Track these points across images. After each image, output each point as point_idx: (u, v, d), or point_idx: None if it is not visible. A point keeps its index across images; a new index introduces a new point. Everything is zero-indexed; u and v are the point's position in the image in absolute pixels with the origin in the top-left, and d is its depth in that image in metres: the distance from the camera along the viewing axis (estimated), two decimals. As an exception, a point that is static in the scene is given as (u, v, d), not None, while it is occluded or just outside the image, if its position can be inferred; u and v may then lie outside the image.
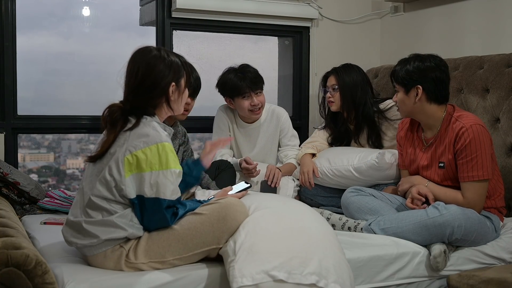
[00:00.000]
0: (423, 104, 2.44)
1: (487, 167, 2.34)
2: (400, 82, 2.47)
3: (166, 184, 1.86)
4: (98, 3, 3.70)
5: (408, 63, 2.46)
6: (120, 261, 1.88)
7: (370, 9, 4.03)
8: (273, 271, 1.78)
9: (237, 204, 1.97)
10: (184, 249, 1.90)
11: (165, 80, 1.96)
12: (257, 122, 3.23)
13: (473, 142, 2.33)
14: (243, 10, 3.60)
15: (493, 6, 3.20)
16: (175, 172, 1.89)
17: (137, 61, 1.97)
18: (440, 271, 2.25)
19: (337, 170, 2.93)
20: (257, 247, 1.85)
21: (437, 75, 2.42)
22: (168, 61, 1.98)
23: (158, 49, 2.01)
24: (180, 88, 2.02)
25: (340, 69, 3.11)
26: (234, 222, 1.93)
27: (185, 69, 2.04)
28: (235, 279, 1.77)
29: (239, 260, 1.82)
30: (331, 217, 2.56)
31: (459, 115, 2.43)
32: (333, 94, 3.07)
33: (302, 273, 1.79)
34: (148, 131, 1.88)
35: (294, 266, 1.80)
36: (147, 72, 1.94)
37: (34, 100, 3.62)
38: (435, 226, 2.25)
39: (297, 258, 1.83)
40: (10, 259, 1.61)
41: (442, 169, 2.46)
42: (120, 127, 1.91)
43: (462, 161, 2.37)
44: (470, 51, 3.23)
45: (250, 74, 3.06)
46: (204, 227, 1.90)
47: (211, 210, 1.93)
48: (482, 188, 2.37)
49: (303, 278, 1.79)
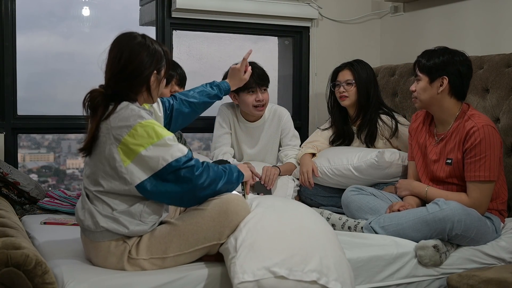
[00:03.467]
0: (443, 96, 2.45)
1: (494, 169, 2.35)
2: (426, 71, 2.47)
3: (167, 150, 1.85)
4: (98, 3, 3.70)
5: (436, 54, 2.47)
6: (123, 257, 1.88)
7: (370, 9, 4.03)
8: (274, 268, 1.79)
9: (238, 199, 1.97)
10: (186, 245, 1.90)
11: (148, 69, 1.96)
12: (258, 121, 3.24)
13: (483, 142, 2.34)
14: (243, 10, 3.60)
15: (493, 6, 3.20)
16: (169, 138, 1.88)
17: (121, 47, 1.96)
18: (428, 267, 2.24)
19: (337, 170, 2.93)
20: (258, 244, 1.85)
21: (464, 70, 2.45)
22: (152, 49, 1.98)
23: (143, 36, 2.00)
24: (159, 77, 2.03)
25: (355, 63, 3.09)
26: (235, 216, 1.93)
27: (166, 59, 2.04)
28: (236, 275, 1.78)
29: (241, 256, 1.82)
30: (331, 217, 2.56)
31: (472, 113, 2.44)
32: (347, 88, 3.05)
33: (303, 270, 1.80)
34: (127, 113, 1.88)
35: (295, 263, 1.81)
36: (130, 59, 1.93)
37: (34, 100, 3.62)
38: (435, 221, 2.25)
39: (298, 255, 1.83)
40: (10, 259, 1.61)
41: (449, 165, 2.46)
42: (101, 113, 1.90)
43: (470, 160, 2.37)
44: (470, 51, 3.21)
45: (258, 70, 3.08)
46: (205, 221, 1.90)
47: (213, 205, 1.93)
48: (487, 189, 2.37)
49: (304, 275, 1.79)
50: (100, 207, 1.89)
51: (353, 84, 3.04)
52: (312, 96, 3.90)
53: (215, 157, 3.17)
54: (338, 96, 3.10)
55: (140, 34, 2.01)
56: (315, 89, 3.90)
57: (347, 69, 3.09)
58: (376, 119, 3.03)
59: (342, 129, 3.16)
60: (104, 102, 1.91)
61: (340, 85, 3.08)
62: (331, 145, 3.21)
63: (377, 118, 3.03)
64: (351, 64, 3.09)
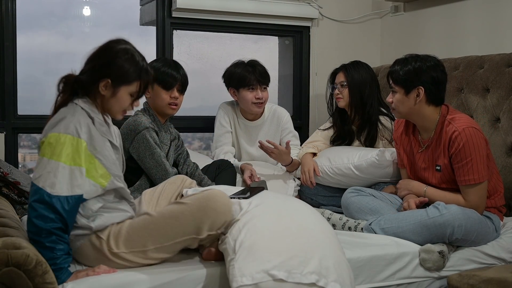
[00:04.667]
0: (421, 106, 2.42)
1: (482, 170, 2.33)
2: (400, 83, 2.43)
3: (49, 176, 1.78)
4: (98, 3, 3.70)
5: (407, 63, 2.42)
6: (102, 251, 1.88)
7: (370, 9, 4.03)
8: (273, 270, 1.78)
9: (220, 196, 1.94)
10: (164, 238, 1.89)
11: (104, 71, 1.91)
12: (258, 120, 3.24)
13: (466, 146, 2.32)
14: (243, 10, 3.60)
15: (493, 6, 3.20)
16: (63, 166, 1.79)
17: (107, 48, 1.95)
18: (431, 271, 2.24)
19: (338, 169, 2.93)
20: (257, 246, 1.84)
21: (438, 76, 2.40)
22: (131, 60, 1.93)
23: (138, 55, 1.97)
24: (116, 91, 1.93)
25: (350, 65, 3.11)
26: (214, 213, 1.90)
27: (141, 79, 1.95)
28: (235, 279, 1.77)
29: (239, 259, 1.81)
30: (331, 217, 2.56)
31: (452, 117, 2.40)
32: (341, 90, 3.07)
33: (302, 272, 1.79)
34: (64, 116, 1.85)
35: (294, 265, 1.80)
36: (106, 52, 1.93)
37: (34, 100, 3.62)
38: (435, 226, 2.25)
39: (297, 257, 1.83)
40: (10, 259, 1.61)
41: (439, 172, 2.45)
42: (60, 101, 1.91)
43: (457, 165, 2.36)
44: (470, 51, 3.23)
45: (260, 67, 3.11)
46: (184, 216, 1.89)
47: (193, 200, 1.92)
48: (481, 189, 2.36)
49: (303, 278, 1.78)
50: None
51: (345, 86, 3.06)
52: (312, 96, 3.90)
53: (216, 156, 3.17)
54: (335, 97, 3.12)
55: (135, 52, 1.97)
56: (316, 89, 3.90)
57: (342, 71, 3.11)
58: (376, 121, 3.03)
59: (343, 129, 3.16)
60: (69, 91, 1.92)
61: (336, 87, 3.10)
62: (331, 145, 3.21)
63: (377, 120, 3.03)
64: (345, 67, 3.11)
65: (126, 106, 1.98)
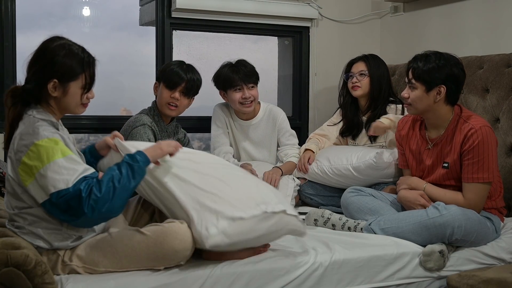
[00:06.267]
0: (439, 104, 2.40)
1: (492, 170, 2.34)
2: (422, 79, 2.37)
3: (54, 177, 1.74)
4: (98, 3, 3.70)
5: (430, 60, 2.37)
6: (56, 266, 1.85)
7: (370, 9, 4.03)
8: (230, 214, 1.89)
9: (179, 233, 1.86)
10: (117, 264, 1.86)
11: (48, 73, 1.85)
12: (253, 120, 3.24)
13: (481, 144, 2.32)
14: (243, 10, 3.60)
15: (493, 6, 3.20)
16: (59, 162, 1.76)
17: (43, 48, 1.89)
18: (432, 271, 2.23)
19: (337, 169, 2.94)
20: (201, 203, 1.92)
21: (460, 75, 2.38)
22: (69, 54, 1.87)
23: (77, 47, 1.91)
24: (66, 89, 1.88)
25: (370, 56, 3.15)
26: (171, 251, 1.84)
27: (85, 71, 1.90)
28: (204, 236, 1.83)
29: (198, 222, 1.87)
30: (331, 217, 2.56)
31: (468, 116, 2.41)
32: (360, 79, 3.09)
33: (251, 206, 1.94)
34: (27, 131, 1.80)
35: (243, 205, 1.94)
36: (43, 53, 1.87)
37: (34, 100, 3.61)
38: (435, 226, 2.25)
39: (241, 199, 1.97)
40: (10, 259, 1.61)
41: (445, 169, 2.45)
42: (12, 115, 1.86)
43: (468, 162, 2.36)
44: (470, 51, 3.23)
45: (244, 68, 3.11)
46: (140, 247, 1.85)
47: (152, 232, 1.86)
48: (484, 190, 2.36)
49: (254, 211, 1.93)
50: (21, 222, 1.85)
51: (366, 75, 3.09)
52: (312, 96, 3.90)
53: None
54: (351, 86, 3.13)
55: (72, 43, 1.91)
56: (315, 89, 3.90)
57: (361, 61, 3.14)
58: (383, 113, 3.03)
59: (352, 121, 3.17)
60: (19, 105, 1.86)
61: (354, 76, 3.11)
62: (340, 136, 3.24)
63: (384, 112, 3.04)
64: (366, 57, 3.15)
65: (83, 99, 1.94)
